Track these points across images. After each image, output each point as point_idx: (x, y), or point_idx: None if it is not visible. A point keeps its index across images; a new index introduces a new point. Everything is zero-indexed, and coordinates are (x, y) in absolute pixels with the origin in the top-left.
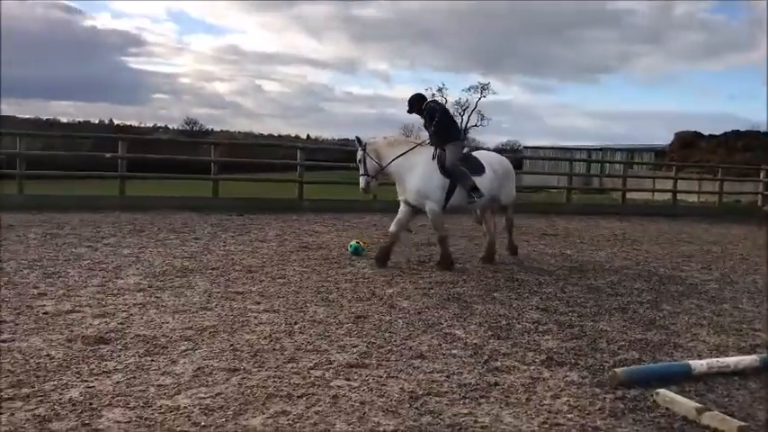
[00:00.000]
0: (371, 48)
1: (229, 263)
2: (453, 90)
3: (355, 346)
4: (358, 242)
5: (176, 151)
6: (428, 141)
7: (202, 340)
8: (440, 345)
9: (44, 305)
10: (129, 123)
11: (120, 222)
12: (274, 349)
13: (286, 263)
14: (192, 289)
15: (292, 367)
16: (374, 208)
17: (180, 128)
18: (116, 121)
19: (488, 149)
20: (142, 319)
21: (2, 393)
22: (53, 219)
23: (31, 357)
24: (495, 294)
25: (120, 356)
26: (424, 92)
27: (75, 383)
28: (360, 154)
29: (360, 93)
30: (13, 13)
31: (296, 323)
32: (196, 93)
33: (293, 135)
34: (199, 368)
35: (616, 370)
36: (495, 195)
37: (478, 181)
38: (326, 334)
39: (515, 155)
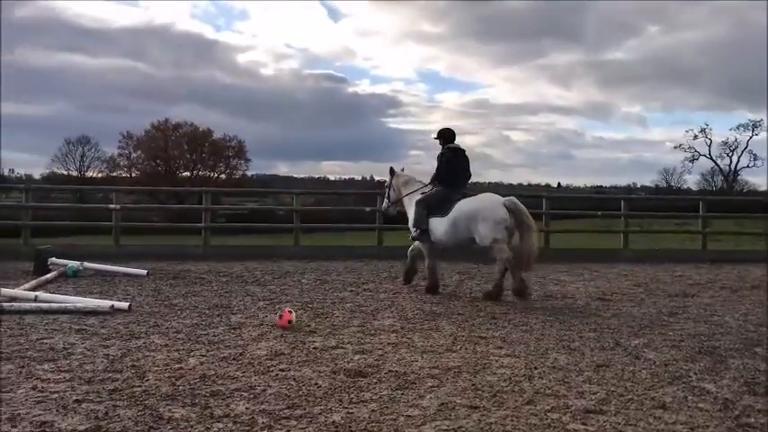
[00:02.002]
0: (621, 91)
1: (474, 309)
2: (719, 129)
3: (594, 393)
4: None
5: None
6: (429, 183)
7: (447, 379)
8: (685, 397)
9: (314, 341)
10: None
11: (378, 270)
12: (513, 391)
13: (529, 311)
14: (439, 332)
15: (530, 409)
16: (625, 257)
17: None
18: (376, 178)
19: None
20: (395, 356)
21: (280, 413)
22: (322, 266)
23: (303, 385)
24: (758, 349)
25: (375, 388)
26: (684, 134)
27: (337, 409)
28: (388, 181)
29: (612, 137)
30: (290, 87)
31: (536, 368)
32: None
33: (543, 184)
34: (443, 403)
35: None
36: (467, 236)
37: (437, 221)
38: (566, 380)
39: None
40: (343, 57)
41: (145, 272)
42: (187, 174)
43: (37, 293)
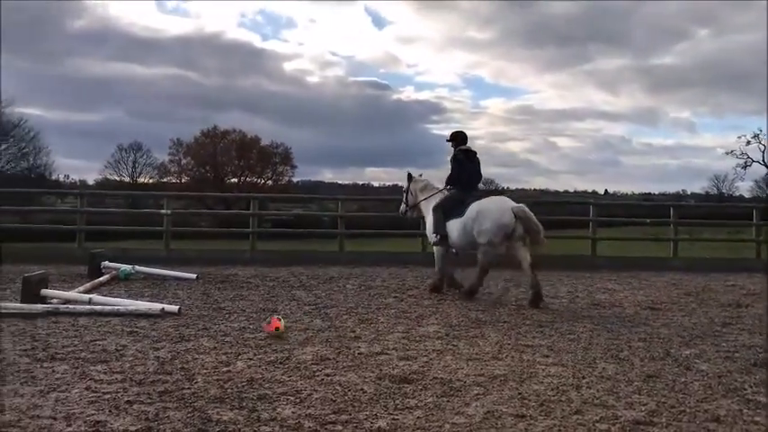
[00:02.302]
0: (670, 96)
1: (520, 317)
2: None
3: (644, 405)
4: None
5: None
6: (444, 188)
7: (493, 387)
8: (740, 410)
9: (359, 347)
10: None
11: (423, 276)
12: (561, 400)
13: (576, 319)
14: (484, 339)
15: (578, 419)
16: (674, 265)
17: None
18: None
19: None
20: (440, 363)
21: (326, 418)
22: (366, 272)
23: (349, 390)
24: None
25: (420, 395)
26: (736, 139)
27: (383, 415)
28: (405, 186)
29: (660, 143)
30: (335, 94)
31: (584, 378)
32: (491, 153)
33: (589, 191)
34: (489, 411)
35: None
36: (474, 238)
37: (453, 223)
38: (615, 390)
39: None
40: (387, 64)
41: (194, 276)
42: (235, 180)
43: (91, 296)
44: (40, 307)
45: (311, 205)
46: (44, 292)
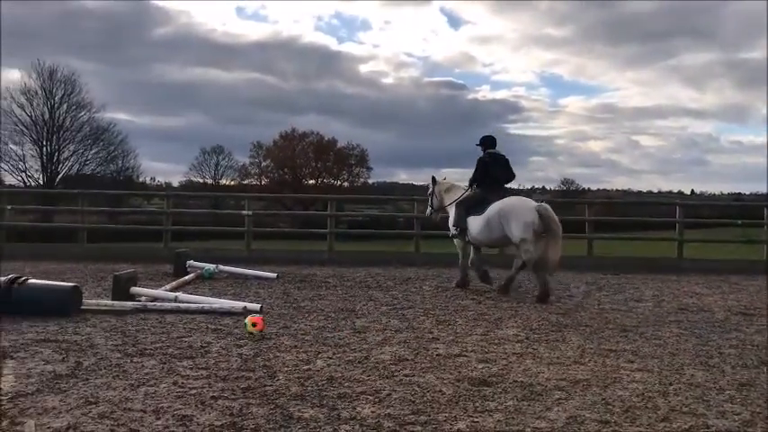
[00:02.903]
0: (760, 91)
1: (603, 321)
2: None
3: (738, 414)
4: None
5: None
6: (468, 187)
7: (575, 392)
8: None
9: (437, 348)
10: (508, 186)
11: (501, 278)
12: (647, 407)
13: (662, 324)
14: (565, 343)
15: (665, 426)
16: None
17: (557, 188)
18: None
19: None
20: (520, 367)
21: (405, 418)
22: (443, 273)
23: (428, 391)
24: None
25: (500, 398)
26: None
27: (462, 417)
28: (430, 189)
29: (751, 141)
30: (410, 95)
31: (671, 384)
32: (571, 153)
33: (675, 191)
34: (571, 416)
35: None
36: (499, 235)
37: (474, 219)
38: (704, 398)
39: None
40: (462, 63)
41: (274, 275)
42: (312, 181)
43: (177, 294)
44: (129, 304)
45: (386, 206)
46: (133, 290)
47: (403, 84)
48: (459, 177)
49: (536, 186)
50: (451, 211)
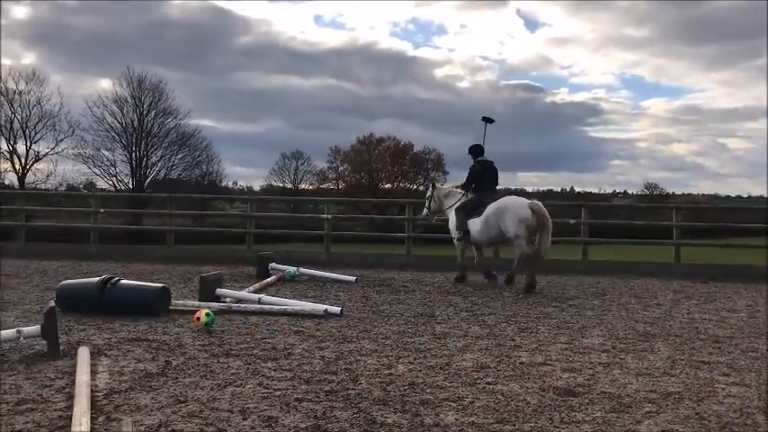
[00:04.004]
0: None
1: (693, 331)
2: None
3: None
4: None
5: (636, 216)
6: (464, 192)
7: (667, 405)
8: None
9: (520, 356)
10: (588, 190)
11: (583, 285)
12: (746, 424)
13: (758, 336)
14: (654, 354)
15: None
16: None
17: (639, 192)
18: (576, 189)
19: None
20: (607, 377)
21: (490, 427)
22: (523, 280)
23: (512, 400)
24: None
25: (587, 409)
26: None
27: (548, 428)
28: (429, 193)
29: None
30: (486, 98)
31: None
32: (653, 156)
33: (765, 195)
34: (663, 431)
35: None
36: (497, 232)
37: (474, 221)
38: None
39: None
40: (540, 66)
41: (353, 278)
42: (388, 186)
43: (260, 296)
44: (215, 305)
45: None
46: (218, 291)
47: (479, 87)
48: (538, 182)
49: (617, 191)
50: (451, 216)
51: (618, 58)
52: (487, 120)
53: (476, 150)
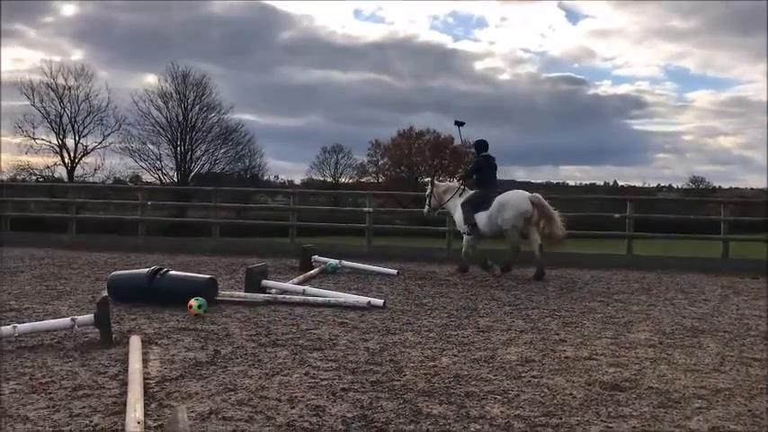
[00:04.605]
0: None
1: (743, 327)
2: None
3: None
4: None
5: (682, 210)
6: (462, 186)
7: (717, 401)
8: None
9: (565, 350)
10: (632, 184)
11: (629, 280)
12: None
13: None
14: (702, 350)
15: None
16: None
17: (685, 186)
18: (620, 183)
19: None
20: (654, 372)
21: (536, 420)
22: (566, 274)
23: (557, 393)
24: None
25: (634, 404)
26: None
27: (595, 422)
28: (428, 191)
29: None
30: (527, 91)
31: None
32: (699, 149)
33: None
34: (714, 427)
35: None
36: (498, 224)
37: (480, 215)
38: None
39: None
40: (582, 58)
41: (395, 271)
42: (428, 179)
43: (305, 287)
44: (261, 296)
45: None
46: (264, 282)
47: (520, 80)
48: (581, 175)
49: (662, 184)
50: (456, 211)
51: (662, 50)
52: (459, 123)
53: (480, 146)
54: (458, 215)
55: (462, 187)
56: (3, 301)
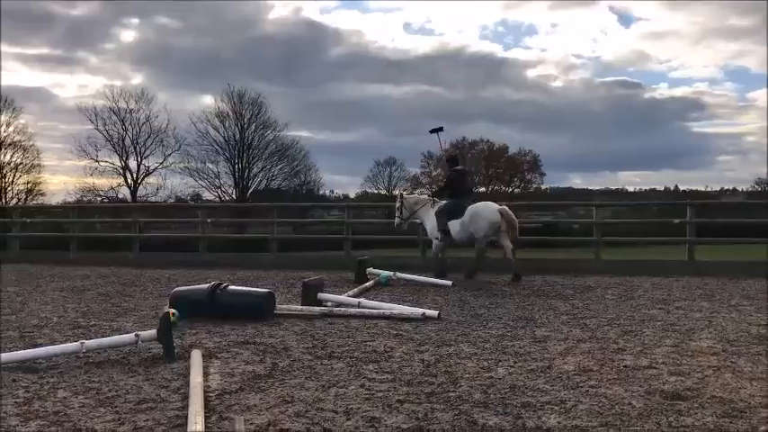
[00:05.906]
0: None
1: None
2: None
3: None
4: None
5: (747, 214)
6: (433, 198)
7: None
8: None
9: (624, 359)
10: (694, 188)
11: (690, 287)
12: None
13: None
14: None
15: None
16: None
17: (750, 189)
18: (681, 187)
19: None
20: (717, 381)
21: (595, 430)
22: (625, 281)
23: (616, 403)
24: None
25: (697, 414)
26: None
27: None
28: (398, 203)
29: None
30: (581, 97)
31: None
32: (764, 151)
33: None
34: None
35: None
36: (470, 232)
37: (453, 223)
38: None
39: None
40: (636, 62)
41: (449, 283)
42: (482, 189)
43: (360, 300)
44: (317, 309)
45: (560, 212)
46: (320, 295)
47: (573, 86)
48: (640, 181)
49: (725, 188)
50: (428, 220)
51: (720, 50)
52: (436, 130)
53: (452, 160)
54: (430, 223)
55: (433, 199)
56: (72, 319)
